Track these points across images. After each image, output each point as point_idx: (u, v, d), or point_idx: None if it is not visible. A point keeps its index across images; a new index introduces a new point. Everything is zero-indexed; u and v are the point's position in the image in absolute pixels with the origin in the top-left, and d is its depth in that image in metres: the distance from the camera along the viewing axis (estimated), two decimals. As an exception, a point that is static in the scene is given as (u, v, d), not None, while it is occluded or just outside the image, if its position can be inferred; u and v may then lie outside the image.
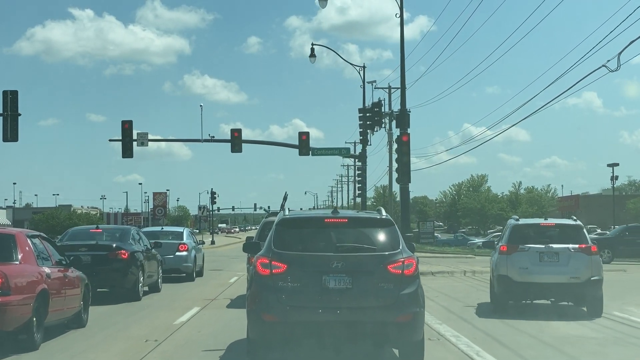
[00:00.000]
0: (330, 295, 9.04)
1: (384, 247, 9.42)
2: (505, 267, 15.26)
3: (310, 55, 44.86)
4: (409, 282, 9.26)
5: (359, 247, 9.39)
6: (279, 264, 9.19)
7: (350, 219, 9.99)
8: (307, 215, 10.72)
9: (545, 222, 16.19)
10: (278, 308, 9.05)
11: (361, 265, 9.21)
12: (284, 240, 9.49)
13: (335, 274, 9.10)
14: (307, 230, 9.82)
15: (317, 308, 9.02)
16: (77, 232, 20.28)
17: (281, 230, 9.64)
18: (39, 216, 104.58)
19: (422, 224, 70.56)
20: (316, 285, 9.07)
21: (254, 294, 9.33)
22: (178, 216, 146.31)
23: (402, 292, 9.13)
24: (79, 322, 13.10)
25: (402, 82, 30.75)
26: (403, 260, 9.27)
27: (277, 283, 9.13)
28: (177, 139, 59.68)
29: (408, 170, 30.25)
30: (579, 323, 13.85)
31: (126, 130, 44.35)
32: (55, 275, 11.85)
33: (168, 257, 23.93)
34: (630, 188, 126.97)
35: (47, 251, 12.23)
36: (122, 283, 17.95)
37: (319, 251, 9.33)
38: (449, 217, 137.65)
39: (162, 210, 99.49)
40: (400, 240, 9.56)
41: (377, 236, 9.59)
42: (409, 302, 9.14)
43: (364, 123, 41.05)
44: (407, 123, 30.39)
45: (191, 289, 21.71)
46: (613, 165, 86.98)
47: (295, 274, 9.14)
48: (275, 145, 50.52)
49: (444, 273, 26.79)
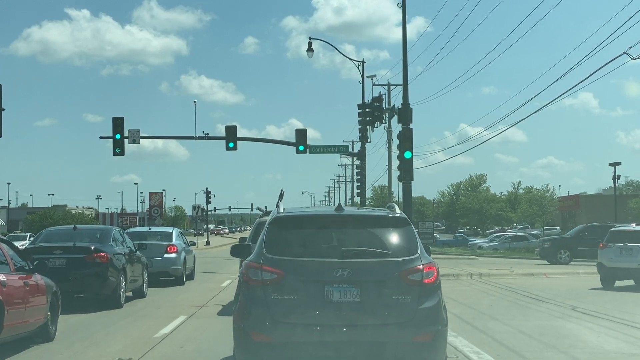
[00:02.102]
0: (334, 309, 7.46)
1: (399, 252, 7.82)
2: (601, 257, 22.01)
3: (307, 50, 43.38)
4: (429, 293, 7.66)
5: (369, 251, 7.77)
6: (272, 270, 7.57)
7: (357, 217, 8.57)
8: (306, 213, 8.89)
9: (626, 228, 23.31)
10: (270, 325, 7.44)
11: (371, 274, 7.60)
12: (279, 242, 7.85)
13: (341, 284, 7.52)
14: (306, 230, 8.09)
15: (318, 325, 7.44)
16: (52, 233, 18.62)
17: (275, 230, 7.97)
18: (33, 216, 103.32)
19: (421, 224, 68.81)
20: (317, 298, 7.50)
21: (242, 308, 7.66)
22: (174, 216, 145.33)
23: (421, 307, 7.56)
24: (45, 335, 11.52)
25: (404, 74, 29.17)
26: (422, 267, 7.70)
27: (269, 295, 7.52)
28: (170, 136, 58.01)
29: (410, 167, 28.66)
30: (611, 335, 12.37)
31: (117, 126, 42.95)
32: (14, 283, 10.31)
33: (156, 259, 22.36)
34: (628, 188, 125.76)
35: (4, 255, 10.72)
36: (100, 289, 16.37)
37: (321, 256, 7.73)
38: (448, 217, 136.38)
39: (158, 210, 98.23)
40: (419, 243, 7.95)
41: (390, 238, 7.97)
42: (429, 319, 7.56)
43: (364, 119, 39.49)
44: (410, 118, 28.79)
45: (179, 294, 20.21)
46: (615, 165, 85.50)
47: (291, 284, 7.54)
48: (272, 143, 49.00)
49: (449, 276, 25.26)
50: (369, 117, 39.07)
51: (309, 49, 43.30)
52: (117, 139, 42.43)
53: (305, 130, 41.44)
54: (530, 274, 26.67)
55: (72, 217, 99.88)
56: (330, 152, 44.22)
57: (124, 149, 42.57)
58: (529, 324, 13.33)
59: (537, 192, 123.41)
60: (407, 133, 28.54)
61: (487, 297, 18.58)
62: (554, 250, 36.84)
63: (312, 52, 43.38)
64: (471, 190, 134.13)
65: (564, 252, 36.21)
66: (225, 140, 42.75)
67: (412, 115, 28.92)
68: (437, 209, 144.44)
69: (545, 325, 13.26)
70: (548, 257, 36.98)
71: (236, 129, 42.88)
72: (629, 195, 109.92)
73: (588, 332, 12.51)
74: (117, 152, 42.72)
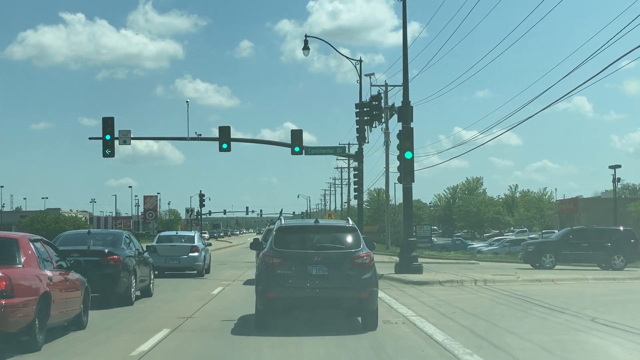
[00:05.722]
0: (312, 279, 12.69)
1: (350, 246, 13.12)
2: None
3: (303, 48, 42.18)
4: (367, 270, 12.93)
5: (333, 246, 13.18)
6: (277, 257, 12.91)
7: (326, 226, 14.06)
8: (297, 224, 14.73)
9: None
10: (277, 288, 12.70)
11: (334, 259, 12.89)
12: (281, 241, 13.22)
13: (316, 265, 12.74)
14: (296, 234, 13.62)
15: (304, 288, 12.66)
16: (68, 237, 19.65)
17: (279, 234, 13.42)
18: (25, 220, 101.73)
19: (419, 228, 67.58)
20: (303, 273, 12.70)
21: (261, 279, 13.00)
22: (169, 220, 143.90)
23: (362, 277, 12.80)
24: (79, 324, 13.35)
25: (404, 69, 27.83)
26: (363, 255, 13.00)
27: (276, 271, 12.79)
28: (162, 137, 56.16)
29: (411, 168, 27.38)
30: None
31: (107, 127, 41.56)
32: (57, 279, 12.02)
33: (182, 257, 29.09)
34: (624, 191, 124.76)
35: (48, 255, 12.44)
36: (114, 288, 17.76)
37: (305, 249, 13.03)
38: (444, 220, 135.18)
39: (152, 213, 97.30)
40: (361, 241, 13.23)
41: (346, 238, 13.31)
42: (367, 284, 12.80)
43: (361, 119, 38.14)
44: (411, 116, 27.46)
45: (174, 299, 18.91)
46: (615, 167, 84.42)
47: (288, 265, 12.79)
48: (267, 144, 47.66)
49: (452, 282, 23.98)
50: (367, 116, 37.74)
51: (305, 47, 42.09)
52: (107, 139, 41.09)
53: (301, 131, 40.15)
54: (537, 280, 25.33)
55: (64, 220, 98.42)
56: (327, 154, 42.91)
57: (114, 150, 41.25)
58: (549, 339, 12.02)
59: (534, 196, 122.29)
60: (408, 132, 27.28)
61: (497, 307, 17.28)
62: (537, 254, 35.37)
63: (308, 51, 42.18)
64: (468, 194, 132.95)
65: (548, 257, 34.75)
66: (219, 141, 41.50)
67: (412, 114, 27.62)
68: (434, 212, 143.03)
69: (567, 340, 11.95)
70: (531, 261, 35.58)
71: (230, 130, 41.61)
72: (627, 199, 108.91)
73: (618, 349, 11.21)
74: (107, 154, 41.35)
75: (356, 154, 44.05)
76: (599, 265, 35.21)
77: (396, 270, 27.61)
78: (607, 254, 34.87)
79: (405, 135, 26.95)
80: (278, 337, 12.14)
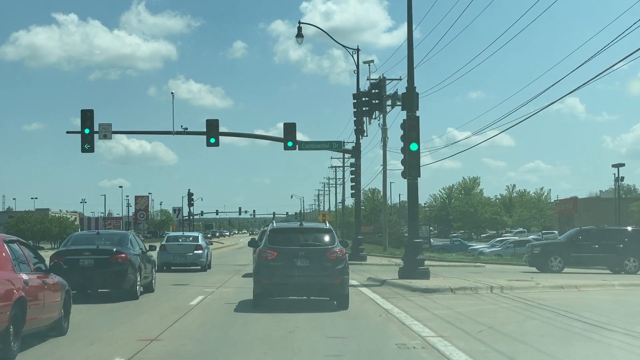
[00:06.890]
0: (297, 269, 16.71)
1: (327, 243, 17.13)
2: None
3: (297, 36, 39.45)
4: (340, 262, 16.87)
5: (314, 243, 17.23)
6: (271, 252, 16.87)
7: (309, 228, 18.62)
8: (286, 226, 19.11)
9: None
10: (270, 276, 16.71)
11: (314, 253, 16.87)
12: (273, 240, 17.21)
13: (301, 258, 16.78)
14: (286, 234, 17.73)
15: (291, 276, 16.71)
16: (79, 237, 21.38)
17: (272, 234, 17.44)
18: (11, 220, 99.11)
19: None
20: (290, 264, 16.71)
21: (258, 269, 17.04)
22: (161, 220, 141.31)
23: (336, 268, 16.74)
24: (59, 329, 12.72)
25: (409, 51, 24.95)
26: (337, 250, 16.97)
27: (270, 263, 16.79)
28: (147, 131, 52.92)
29: (417, 161, 24.51)
30: None
31: (86, 120, 38.74)
32: (34, 282, 11.43)
33: (189, 254, 33.61)
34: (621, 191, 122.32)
35: (25, 257, 11.83)
36: (122, 284, 19.12)
37: (292, 246, 17.08)
38: (439, 221, 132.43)
39: (143, 214, 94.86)
40: (336, 239, 17.32)
41: (324, 237, 17.35)
42: (340, 273, 16.75)
43: (359, 110, 35.18)
44: (416, 104, 24.59)
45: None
46: (618, 166, 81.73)
47: (279, 258, 16.76)
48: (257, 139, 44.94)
49: (465, 290, 21.13)
50: (367, 106, 34.83)
51: (298, 34, 39.33)
52: (86, 133, 38.36)
53: (294, 124, 37.42)
54: (559, 287, 22.49)
55: (50, 220, 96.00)
56: (322, 149, 40.11)
57: (94, 144, 38.56)
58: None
59: (532, 196, 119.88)
60: (413, 121, 24.44)
61: (529, 322, 14.46)
62: (544, 256, 32.84)
63: (301, 38, 39.43)
64: (465, 194, 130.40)
65: (556, 259, 32.36)
66: (206, 135, 38.83)
67: (418, 101, 24.79)
68: (429, 213, 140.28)
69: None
70: (537, 264, 33.07)
71: (218, 123, 38.97)
72: (628, 199, 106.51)
73: None
74: (86, 149, 38.59)
75: (353, 149, 41.16)
76: (610, 269, 32.57)
77: (400, 275, 24.77)
78: (619, 257, 32.35)
79: (410, 125, 24.10)
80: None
